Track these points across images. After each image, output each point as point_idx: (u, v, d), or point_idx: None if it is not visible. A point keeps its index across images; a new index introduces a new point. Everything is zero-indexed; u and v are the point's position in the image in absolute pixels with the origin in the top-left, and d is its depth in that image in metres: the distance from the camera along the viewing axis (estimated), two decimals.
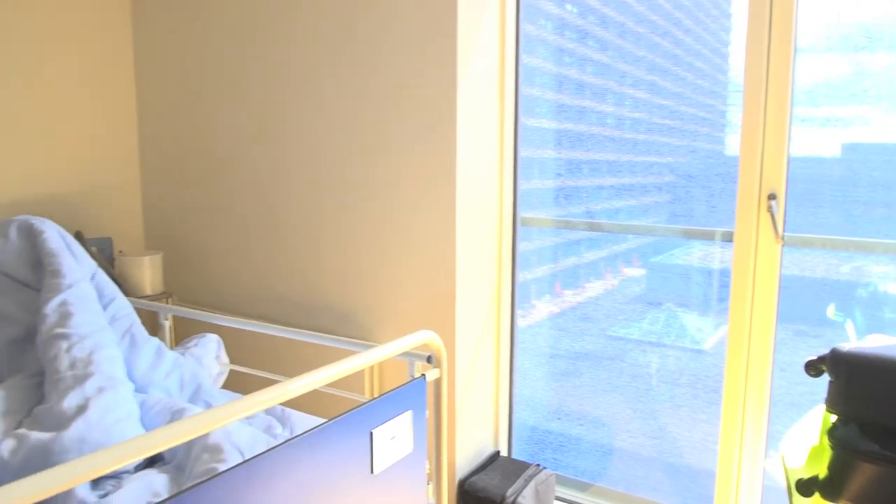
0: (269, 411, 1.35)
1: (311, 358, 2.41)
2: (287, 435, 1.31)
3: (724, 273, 1.74)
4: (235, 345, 2.40)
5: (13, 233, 1.26)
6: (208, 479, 0.92)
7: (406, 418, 1.28)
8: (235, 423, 1.11)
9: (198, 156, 2.76)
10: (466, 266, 2.15)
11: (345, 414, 1.15)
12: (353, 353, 1.74)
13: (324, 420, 1.45)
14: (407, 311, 2.23)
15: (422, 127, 2.11)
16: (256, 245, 2.62)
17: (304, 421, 1.45)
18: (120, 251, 2.56)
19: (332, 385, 2.00)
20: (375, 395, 2.24)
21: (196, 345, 1.59)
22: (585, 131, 2.27)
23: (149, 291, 2.49)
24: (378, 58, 2.18)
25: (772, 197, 1.56)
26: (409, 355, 1.43)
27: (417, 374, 1.39)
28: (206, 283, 2.79)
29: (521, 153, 2.30)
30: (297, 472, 1.06)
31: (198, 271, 2.81)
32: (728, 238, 1.69)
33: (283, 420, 1.33)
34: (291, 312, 2.54)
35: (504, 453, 2.39)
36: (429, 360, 1.41)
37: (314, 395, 2.16)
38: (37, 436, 1.04)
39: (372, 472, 1.21)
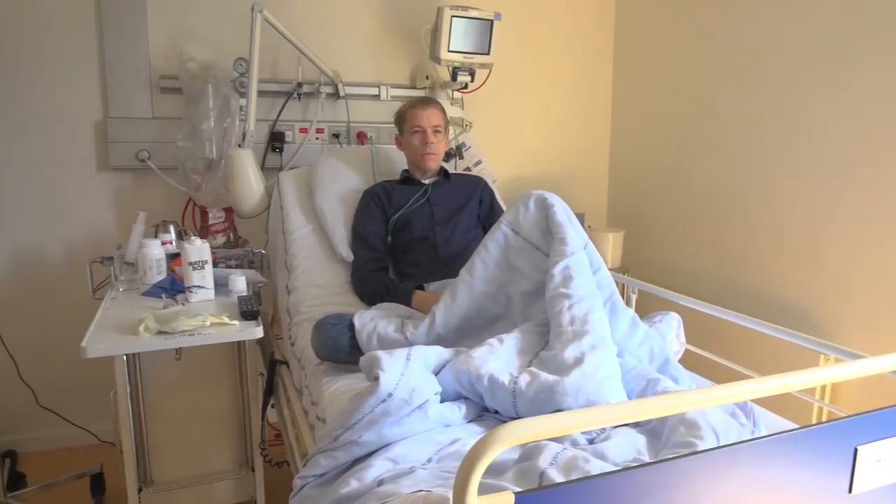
0: None
1: (755, 348, 2.32)
2: (750, 426, 1.30)
3: None
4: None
5: (531, 204, 1.52)
6: (692, 454, 0.98)
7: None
8: None
9: (659, 151, 2.88)
10: None
11: (828, 423, 1.10)
12: (808, 352, 1.63)
13: (791, 422, 1.40)
14: (876, 319, 1.97)
15: None
16: (712, 232, 2.61)
17: (765, 416, 1.42)
18: (589, 226, 2.86)
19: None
20: (818, 399, 2.06)
21: (660, 321, 1.69)
22: None
23: (609, 266, 2.71)
24: (860, 33, 1.92)
25: None
26: None
27: None
28: (658, 261, 2.92)
29: None
30: (774, 470, 1.05)
31: (651, 250, 2.96)
32: None
33: (744, 410, 1.33)
34: (740, 300, 2.48)
35: None
36: None
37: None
38: (545, 376, 1.25)
39: (850, 491, 1.13)
